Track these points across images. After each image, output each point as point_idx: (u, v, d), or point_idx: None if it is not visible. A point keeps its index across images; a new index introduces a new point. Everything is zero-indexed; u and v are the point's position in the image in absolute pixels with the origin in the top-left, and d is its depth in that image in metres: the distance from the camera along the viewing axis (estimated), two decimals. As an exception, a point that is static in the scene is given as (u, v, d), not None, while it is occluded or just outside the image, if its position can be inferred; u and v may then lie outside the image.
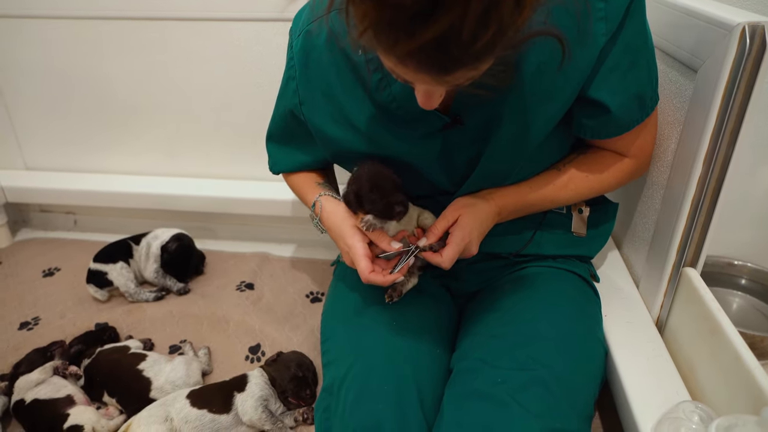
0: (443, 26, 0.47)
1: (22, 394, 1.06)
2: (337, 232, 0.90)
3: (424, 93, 0.65)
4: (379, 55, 0.57)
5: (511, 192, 0.90)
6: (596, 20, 0.74)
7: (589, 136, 0.87)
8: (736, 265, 1.20)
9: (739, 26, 0.72)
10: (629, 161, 0.91)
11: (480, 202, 0.87)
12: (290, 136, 0.99)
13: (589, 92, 0.79)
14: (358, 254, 0.83)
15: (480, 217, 0.86)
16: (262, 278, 1.49)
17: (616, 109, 0.80)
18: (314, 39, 0.84)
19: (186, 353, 1.21)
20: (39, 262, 1.58)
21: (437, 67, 0.53)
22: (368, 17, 0.50)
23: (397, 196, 0.82)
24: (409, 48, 0.51)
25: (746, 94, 0.75)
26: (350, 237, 0.85)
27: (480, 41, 0.49)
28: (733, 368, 0.74)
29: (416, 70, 0.54)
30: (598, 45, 0.75)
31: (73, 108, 1.60)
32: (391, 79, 0.80)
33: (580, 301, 0.93)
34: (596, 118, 0.83)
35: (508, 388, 0.75)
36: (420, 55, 0.52)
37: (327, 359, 0.91)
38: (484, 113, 0.80)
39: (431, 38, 0.48)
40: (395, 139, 0.85)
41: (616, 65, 0.78)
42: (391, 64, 0.57)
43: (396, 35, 0.50)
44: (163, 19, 1.44)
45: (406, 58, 0.53)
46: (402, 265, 0.83)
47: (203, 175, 1.65)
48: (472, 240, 0.84)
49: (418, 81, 0.60)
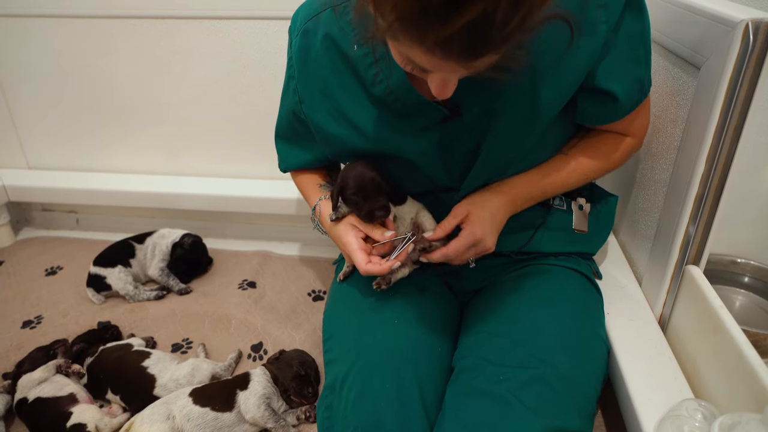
0: (478, 10, 0.47)
1: (25, 393, 1.07)
2: (334, 233, 0.91)
3: (440, 82, 0.65)
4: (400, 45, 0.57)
5: (522, 181, 0.91)
6: (596, 7, 0.75)
7: (594, 122, 0.89)
8: (739, 262, 1.19)
9: (742, 23, 0.72)
10: (629, 139, 0.94)
11: (489, 195, 0.88)
12: (294, 134, 1.00)
13: (597, 82, 0.81)
14: (353, 248, 0.85)
15: (491, 210, 0.87)
16: (264, 277, 1.49)
17: (621, 96, 0.82)
18: (311, 37, 0.85)
19: (198, 355, 1.21)
20: (41, 260, 1.59)
21: (467, 52, 0.53)
22: (398, 7, 0.50)
23: (379, 201, 0.85)
24: (442, 35, 0.50)
25: (749, 90, 0.75)
26: (345, 234, 0.88)
27: (512, 23, 0.50)
28: (736, 366, 0.74)
29: (444, 57, 0.54)
30: (600, 33, 0.76)
31: (75, 107, 1.60)
32: (387, 73, 0.80)
33: (582, 298, 0.93)
34: (603, 106, 0.85)
35: (510, 386, 0.75)
36: (451, 42, 0.51)
37: (329, 357, 0.92)
38: (482, 104, 0.81)
39: (466, 23, 0.48)
40: (394, 134, 0.85)
41: (621, 54, 0.79)
42: (414, 55, 0.57)
43: (428, 23, 0.50)
44: (166, 17, 1.44)
45: (436, 47, 0.52)
46: (399, 252, 0.85)
47: (205, 173, 1.65)
48: (485, 234, 0.85)
49: (442, 69, 0.59)
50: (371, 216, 0.85)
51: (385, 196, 0.86)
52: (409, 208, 0.93)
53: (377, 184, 0.85)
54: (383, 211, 0.85)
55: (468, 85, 0.76)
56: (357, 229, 0.88)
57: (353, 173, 0.86)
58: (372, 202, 0.85)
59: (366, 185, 0.85)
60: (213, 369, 1.14)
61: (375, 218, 0.85)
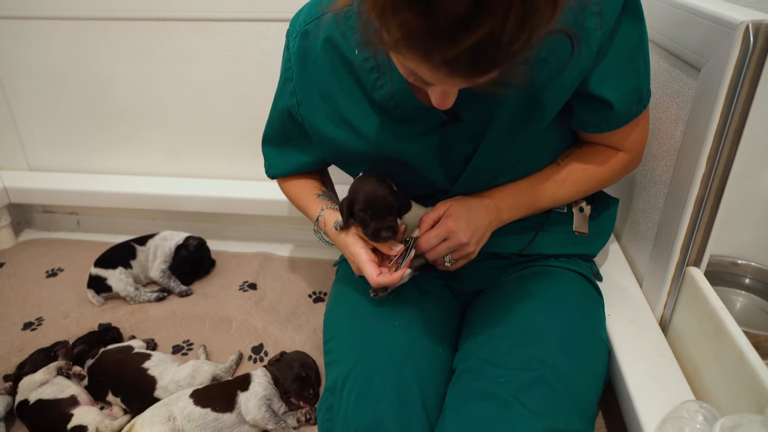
0: (485, 30, 0.47)
1: (26, 395, 1.07)
2: (341, 242, 0.90)
3: (441, 94, 0.65)
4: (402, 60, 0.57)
5: (509, 189, 0.90)
6: (590, 15, 0.74)
7: (590, 130, 0.87)
8: (739, 264, 1.19)
9: (742, 24, 0.72)
10: (624, 155, 0.92)
11: (473, 197, 0.88)
12: (287, 137, 0.99)
13: (591, 88, 0.80)
14: (363, 260, 0.84)
15: (471, 209, 0.86)
16: (264, 278, 1.49)
17: (617, 104, 0.81)
18: (311, 40, 0.85)
19: (199, 356, 1.21)
20: (42, 262, 1.59)
21: (472, 70, 0.53)
22: (406, 26, 0.49)
23: (386, 221, 0.82)
24: (449, 55, 0.50)
25: (750, 92, 0.75)
26: (353, 245, 0.86)
27: (518, 43, 0.50)
28: (737, 368, 0.74)
29: (449, 75, 0.54)
30: (594, 39, 0.75)
31: (76, 109, 1.60)
32: (388, 78, 0.80)
33: (582, 300, 0.93)
34: (598, 114, 0.84)
35: (511, 388, 0.75)
36: (457, 62, 0.51)
37: (329, 359, 0.91)
38: (481, 109, 0.81)
39: (473, 43, 0.48)
40: (393, 137, 0.85)
41: (616, 60, 0.78)
42: (418, 70, 0.57)
43: (434, 43, 0.50)
44: (166, 19, 1.44)
45: (441, 66, 0.52)
46: (406, 259, 0.84)
47: (206, 175, 1.65)
48: (459, 228, 0.83)
49: (445, 84, 0.59)
50: (377, 236, 0.82)
51: (395, 215, 0.84)
52: (415, 213, 0.92)
53: (388, 203, 0.83)
54: (390, 233, 0.82)
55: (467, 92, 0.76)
56: (365, 240, 0.86)
57: (365, 188, 0.84)
58: (379, 221, 0.82)
59: (376, 203, 0.82)
60: (214, 370, 1.14)
61: (380, 239, 0.83)
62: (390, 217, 0.83)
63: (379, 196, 0.83)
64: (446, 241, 0.84)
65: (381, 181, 0.84)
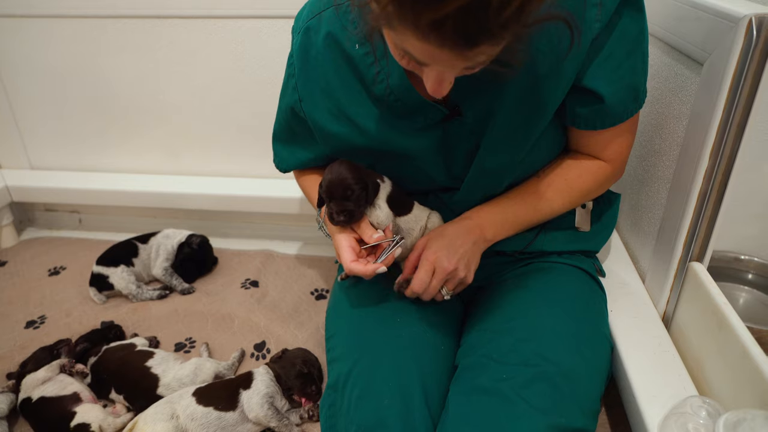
0: None
1: (29, 392, 1.07)
2: (331, 231, 0.91)
3: (436, 78, 0.64)
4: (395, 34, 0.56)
5: (488, 205, 0.91)
6: (590, 6, 0.74)
7: (583, 126, 0.86)
8: (742, 259, 1.19)
9: (745, 18, 0.71)
10: (606, 166, 0.90)
11: (450, 224, 0.89)
12: (293, 133, 1.00)
13: (584, 81, 0.79)
14: (342, 245, 0.86)
15: (448, 237, 0.86)
16: (266, 276, 1.49)
17: (609, 98, 0.80)
18: (313, 36, 0.85)
19: (201, 354, 1.21)
20: (44, 260, 1.59)
21: (463, 39, 0.52)
22: None
23: (341, 205, 0.82)
24: (436, 16, 0.50)
25: (753, 86, 0.74)
26: (337, 232, 0.88)
27: (508, 9, 0.49)
28: (740, 363, 0.74)
29: (439, 44, 0.53)
30: (592, 31, 0.75)
31: (77, 107, 1.61)
32: (389, 72, 0.80)
33: (585, 296, 0.93)
34: (590, 107, 0.82)
35: (514, 384, 0.75)
36: (445, 26, 0.51)
37: (332, 356, 0.91)
38: (482, 104, 0.80)
39: (461, 5, 0.48)
40: (394, 132, 0.85)
41: (612, 54, 0.77)
42: (409, 44, 0.56)
43: (423, 4, 0.50)
44: (167, 17, 1.44)
45: (430, 31, 0.52)
46: (385, 256, 0.84)
47: (208, 173, 1.65)
48: (439, 258, 0.84)
49: (436, 60, 0.58)
50: (331, 218, 0.82)
51: (357, 201, 0.83)
52: (417, 217, 0.91)
53: (346, 187, 0.81)
54: (344, 216, 0.81)
55: (468, 84, 0.76)
56: (350, 229, 0.88)
57: (331, 172, 0.84)
58: (336, 204, 0.81)
59: (333, 186, 0.82)
60: (216, 368, 1.14)
61: (335, 222, 0.82)
62: (347, 202, 0.82)
63: (339, 180, 0.82)
64: (437, 275, 0.85)
65: (349, 166, 0.84)
